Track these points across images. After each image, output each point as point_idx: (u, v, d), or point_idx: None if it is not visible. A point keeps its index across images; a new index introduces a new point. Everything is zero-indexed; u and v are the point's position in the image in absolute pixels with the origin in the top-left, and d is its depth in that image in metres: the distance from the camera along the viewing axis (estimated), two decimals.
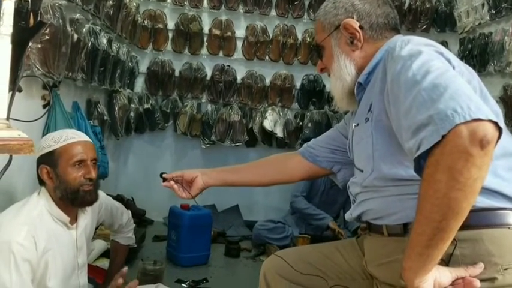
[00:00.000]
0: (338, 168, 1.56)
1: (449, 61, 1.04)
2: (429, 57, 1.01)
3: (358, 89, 1.27)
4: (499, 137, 0.87)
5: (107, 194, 2.00)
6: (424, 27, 4.05)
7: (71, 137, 1.63)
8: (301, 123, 4.27)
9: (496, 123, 0.86)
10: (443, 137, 0.86)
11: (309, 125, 4.22)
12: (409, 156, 0.97)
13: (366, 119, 1.20)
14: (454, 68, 1.02)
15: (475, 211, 0.99)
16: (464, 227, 0.92)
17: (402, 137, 1.00)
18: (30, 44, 1.77)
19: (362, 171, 1.24)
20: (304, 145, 1.65)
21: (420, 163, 0.92)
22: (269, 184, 1.70)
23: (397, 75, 1.03)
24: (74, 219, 1.70)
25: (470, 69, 1.15)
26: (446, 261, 1.01)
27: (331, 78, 1.34)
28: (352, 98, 1.31)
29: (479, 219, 1.02)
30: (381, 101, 1.12)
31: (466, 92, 0.90)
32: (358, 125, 1.26)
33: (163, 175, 1.63)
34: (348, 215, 1.36)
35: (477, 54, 3.35)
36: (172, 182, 1.61)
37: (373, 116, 1.16)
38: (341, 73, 1.29)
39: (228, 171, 1.68)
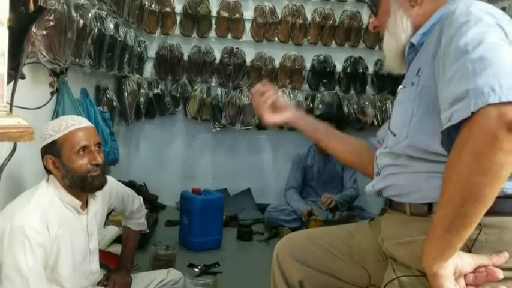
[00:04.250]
0: None
1: (506, 36, 0.96)
2: (486, 29, 0.94)
3: (409, 49, 1.20)
4: None
5: (119, 180, 1.99)
6: None
7: (71, 124, 1.62)
8: (312, 105, 4.22)
9: None
10: (474, 114, 0.82)
11: (320, 106, 4.17)
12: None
13: (412, 83, 1.14)
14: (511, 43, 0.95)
15: (504, 197, 0.96)
16: (491, 212, 0.89)
17: (441, 107, 0.95)
18: (34, 30, 1.76)
19: (395, 135, 1.18)
20: (371, 136, 1.55)
21: (450, 137, 0.89)
22: (347, 163, 1.61)
23: (450, 41, 0.97)
24: (84, 204, 1.70)
25: None
26: (469, 247, 0.98)
27: (385, 35, 1.27)
28: (404, 59, 1.24)
29: (507, 205, 0.97)
30: (432, 66, 1.05)
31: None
32: (404, 87, 1.20)
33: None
34: (369, 187, 1.31)
35: None
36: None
37: (420, 81, 1.10)
38: (396, 29, 1.22)
39: (321, 127, 1.58)
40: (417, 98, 1.10)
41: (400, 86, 1.23)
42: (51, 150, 1.60)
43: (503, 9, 3.15)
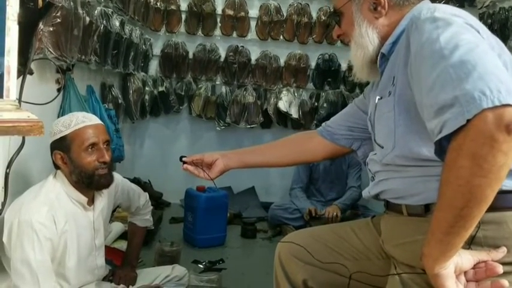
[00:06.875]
0: (358, 145, 1.52)
1: (478, 32, 0.96)
2: (458, 30, 0.93)
3: (381, 59, 1.20)
4: None
5: (124, 177, 2.00)
6: (442, 2, 3.93)
7: (81, 121, 1.63)
8: (316, 104, 4.23)
9: None
10: (468, 121, 0.81)
11: (325, 105, 4.17)
12: (431, 136, 0.92)
13: (389, 93, 1.14)
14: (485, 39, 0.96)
15: (500, 193, 0.94)
16: (488, 208, 0.88)
17: (424, 115, 0.94)
18: (41, 26, 1.77)
19: (382, 147, 1.19)
20: (323, 124, 1.61)
21: (442, 145, 0.88)
22: (290, 164, 1.68)
23: (421, 47, 0.96)
24: (91, 200, 1.72)
25: (500, 41, 1.07)
26: (468, 243, 0.97)
27: (352, 45, 1.26)
28: (373, 68, 1.25)
29: (503, 201, 0.97)
30: (405, 74, 1.05)
31: (496, 72, 0.84)
32: (381, 98, 1.19)
33: (183, 158, 1.60)
34: (365, 193, 1.32)
35: (497, 30, 3.25)
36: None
37: (396, 90, 1.10)
38: (362, 41, 1.21)
39: (249, 153, 1.64)
40: (396, 107, 1.10)
41: (377, 97, 1.22)
42: (60, 145, 1.61)
43: (510, 8, 3.14)
